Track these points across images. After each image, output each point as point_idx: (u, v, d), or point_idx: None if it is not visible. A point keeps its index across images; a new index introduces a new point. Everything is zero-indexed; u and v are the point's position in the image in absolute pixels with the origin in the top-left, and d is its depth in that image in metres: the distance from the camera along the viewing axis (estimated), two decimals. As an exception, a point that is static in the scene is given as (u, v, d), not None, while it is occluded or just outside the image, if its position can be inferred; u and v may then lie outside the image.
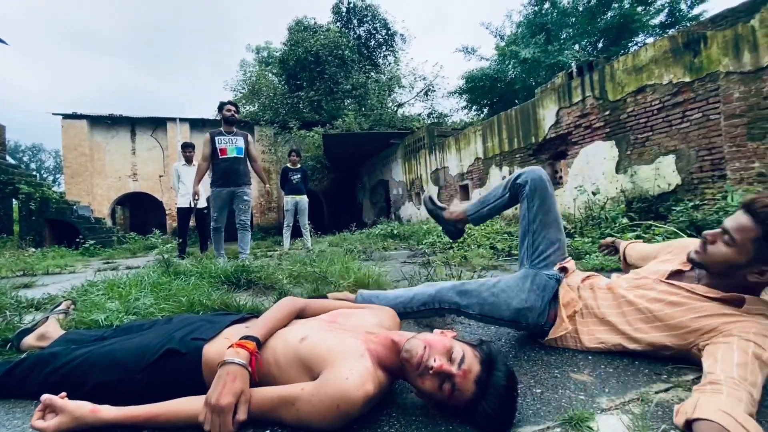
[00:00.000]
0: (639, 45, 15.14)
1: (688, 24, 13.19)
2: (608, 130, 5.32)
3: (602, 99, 5.35)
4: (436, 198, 2.15)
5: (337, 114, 14.75)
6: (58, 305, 1.81)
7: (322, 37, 15.36)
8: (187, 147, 5.80)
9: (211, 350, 1.01)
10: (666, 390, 1.03)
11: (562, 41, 15.58)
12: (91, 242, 7.97)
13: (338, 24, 17.36)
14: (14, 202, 9.40)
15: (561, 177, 6.44)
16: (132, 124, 14.25)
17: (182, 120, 14.51)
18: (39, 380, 1.04)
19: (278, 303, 1.14)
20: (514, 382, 0.89)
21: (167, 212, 14.17)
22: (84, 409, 0.87)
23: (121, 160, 14.15)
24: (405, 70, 19.08)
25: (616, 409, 0.94)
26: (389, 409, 0.98)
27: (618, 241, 1.76)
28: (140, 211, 16.83)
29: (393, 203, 12.80)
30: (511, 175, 1.54)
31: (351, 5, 17.42)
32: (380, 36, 18.15)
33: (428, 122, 13.73)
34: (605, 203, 5.09)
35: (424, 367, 0.87)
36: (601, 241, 1.87)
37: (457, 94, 18.24)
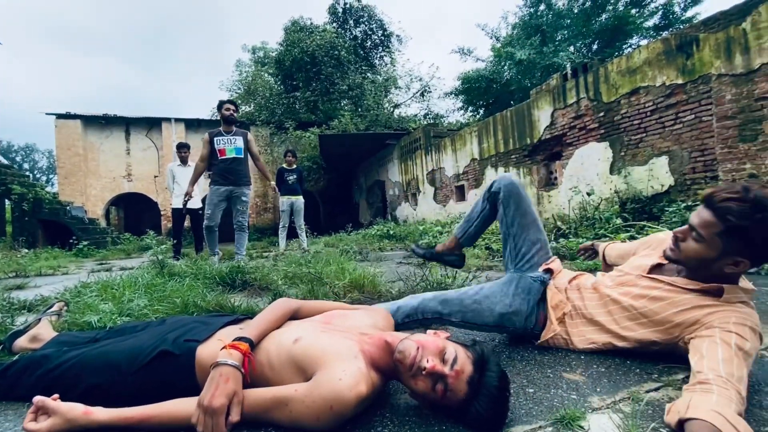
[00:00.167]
0: (633, 47, 15.27)
1: (682, 26, 13.32)
2: (602, 132, 5.36)
3: (596, 100, 5.39)
4: (420, 242, 2.19)
5: (334, 114, 14.75)
6: (51, 307, 1.80)
7: (319, 38, 15.35)
8: (183, 147, 5.77)
9: (205, 352, 1.00)
10: (656, 389, 1.04)
11: (557, 43, 15.70)
12: (85, 243, 7.90)
13: (334, 25, 17.36)
14: (7, 203, 9.32)
15: (556, 178, 6.48)
16: (126, 124, 14.16)
17: (177, 120, 14.43)
18: (31, 382, 1.03)
19: (272, 304, 1.14)
20: (507, 383, 0.89)
21: (162, 213, 14.08)
22: (76, 411, 0.86)
23: (116, 161, 14.04)
24: (401, 71, 19.17)
25: (607, 408, 0.95)
26: (383, 410, 0.98)
27: (597, 243, 1.78)
28: (135, 212, 16.72)
29: (389, 204, 12.81)
30: (487, 186, 1.58)
31: (347, 6, 17.43)
32: (376, 37, 18.17)
33: (424, 123, 13.73)
34: (599, 204, 5.13)
35: (417, 368, 0.88)
36: (580, 246, 1.88)
37: (453, 95, 18.30)
